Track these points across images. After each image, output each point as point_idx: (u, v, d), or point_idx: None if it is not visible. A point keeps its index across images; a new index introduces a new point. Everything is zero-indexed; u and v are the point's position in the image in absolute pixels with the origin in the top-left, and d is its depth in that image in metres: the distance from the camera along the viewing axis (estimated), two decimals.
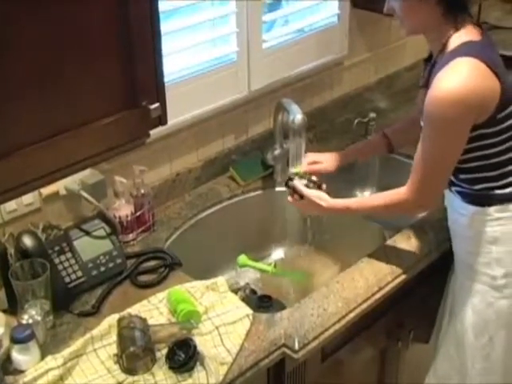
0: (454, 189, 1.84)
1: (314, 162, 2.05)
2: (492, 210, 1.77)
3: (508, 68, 1.76)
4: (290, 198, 1.93)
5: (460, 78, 1.61)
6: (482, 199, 1.78)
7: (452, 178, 1.81)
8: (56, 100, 1.36)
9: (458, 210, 1.84)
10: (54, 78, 1.34)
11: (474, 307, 1.86)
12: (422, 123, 1.71)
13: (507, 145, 1.73)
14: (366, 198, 1.87)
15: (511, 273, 1.81)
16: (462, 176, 1.79)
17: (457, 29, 1.69)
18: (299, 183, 1.90)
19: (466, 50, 1.66)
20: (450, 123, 1.63)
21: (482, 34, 1.72)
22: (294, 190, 1.91)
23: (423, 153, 1.69)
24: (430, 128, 1.67)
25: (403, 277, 1.86)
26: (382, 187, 2.35)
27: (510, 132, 1.72)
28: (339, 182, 2.14)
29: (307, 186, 1.90)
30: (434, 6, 1.67)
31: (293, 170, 1.99)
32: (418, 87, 1.88)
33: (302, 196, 1.89)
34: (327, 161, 2.06)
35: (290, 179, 1.93)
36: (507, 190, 1.76)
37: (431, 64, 1.77)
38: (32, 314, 1.59)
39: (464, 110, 1.61)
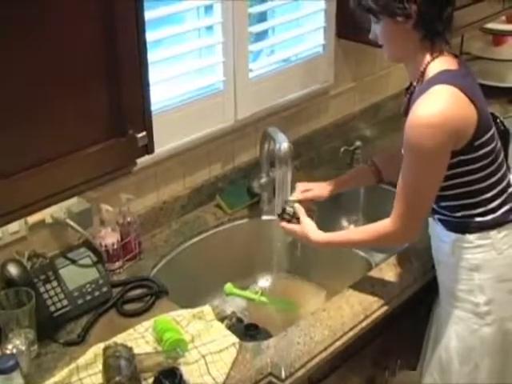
0: (436, 216, 1.85)
1: (306, 190, 2.05)
2: (472, 237, 1.77)
3: (489, 97, 1.78)
4: (284, 223, 1.93)
5: (437, 104, 1.63)
6: (462, 226, 1.79)
7: (434, 206, 1.81)
8: (42, 128, 1.37)
9: (441, 238, 1.85)
10: (41, 106, 1.35)
11: (457, 334, 1.86)
12: (403, 151, 1.72)
13: (486, 171, 1.74)
14: (351, 232, 1.86)
15: (494, 300, 1.81)
16: (444, 203, 1.80)
17: (433, 56, 1.71)
18: (299, 208, 1.91)
19: (443, 77, 1.68)
20: (427, 149, 1.64)
21: (459, 63, 1.75)
22: (291, 215, 1.91)
23: (404, 181, 1.70)
24: (409, 155, 1.68)
25: (389, 305, 1.86)
26: (368, 216, 2.36)
27: (489, 159, 1.74)
28: (325, 210, 2.15)
29: (290, 218, 1.91)
30: (411, 31, 1.69)
31: (290, 198, 1.99)
32: (402, 116, 1.90)
33: (298, 220, 1.90)
34: (318, 188, 2.07)
35: (286, 207, 1.94)
36: (487, 218, 1.77)
37: (410, 92, 1.80)
38: (16, 344, 1.58)
39: (441, 137, 1.62)
